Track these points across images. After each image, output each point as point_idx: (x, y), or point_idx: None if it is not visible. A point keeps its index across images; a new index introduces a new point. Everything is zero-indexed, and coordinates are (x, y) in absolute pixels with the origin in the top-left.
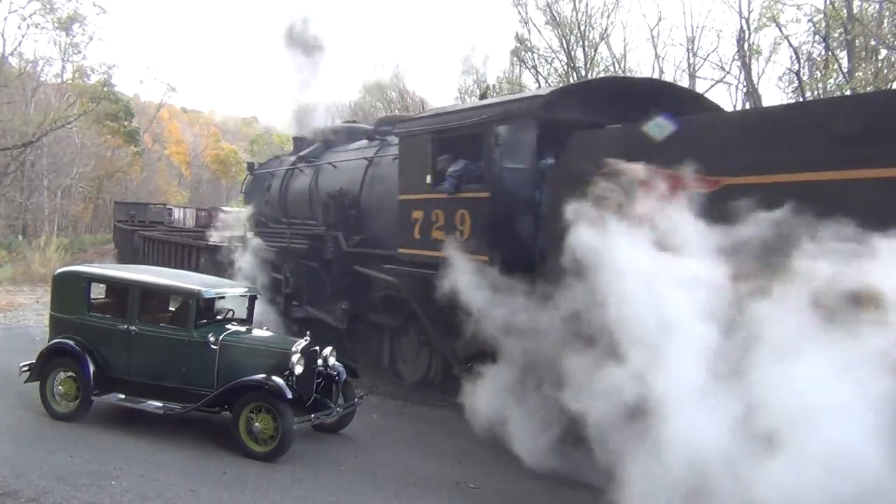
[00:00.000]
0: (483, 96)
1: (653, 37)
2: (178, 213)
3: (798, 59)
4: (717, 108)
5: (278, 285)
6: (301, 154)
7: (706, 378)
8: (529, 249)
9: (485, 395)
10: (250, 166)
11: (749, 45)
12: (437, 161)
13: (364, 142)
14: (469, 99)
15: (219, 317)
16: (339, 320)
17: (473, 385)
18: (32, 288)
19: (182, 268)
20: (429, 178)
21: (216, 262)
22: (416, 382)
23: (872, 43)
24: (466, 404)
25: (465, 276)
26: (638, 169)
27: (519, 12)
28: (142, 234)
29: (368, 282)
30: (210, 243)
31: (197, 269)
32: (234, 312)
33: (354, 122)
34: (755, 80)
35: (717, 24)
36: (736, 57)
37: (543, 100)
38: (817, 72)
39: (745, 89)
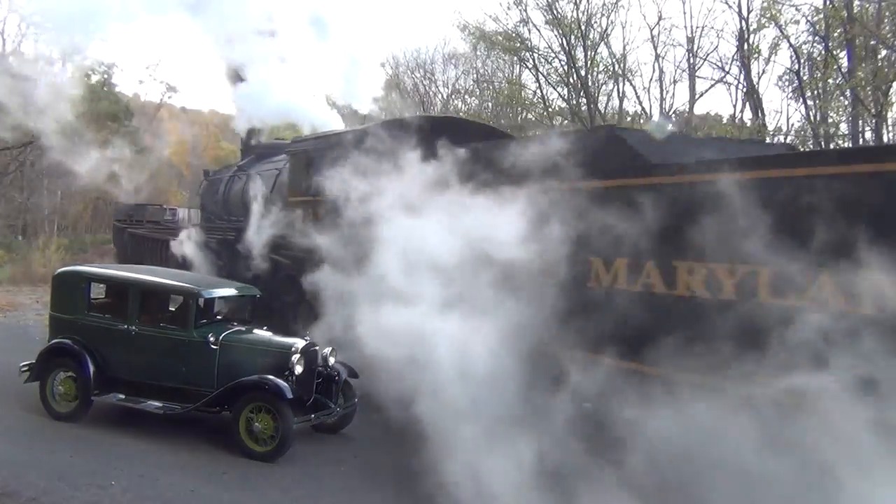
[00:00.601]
0: (362, 123)
1: (653, 37)
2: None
3: (798, 58)
4: (507, 136)
5: (220, 270)
6: (240, 164)
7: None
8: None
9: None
10: (205, 173)
11: (749, 45)
12: (309, 173)
13: (282, 156)
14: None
15: (219, 317)
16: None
17: None
18: (32, 288)
19: (154, 259)
20: (304, 186)
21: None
22: None
23: (872, 43)
24: None
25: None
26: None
27: (520, 12)
28: (129, 231)
29: (276, 264)
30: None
31: (164, 260)
32: (234, 312)
33: (283, 139)
34: (755, 79)
35: (718, 23)
36: (735, 57)
37: (358, 134)
38: (817, 71)
39: (744, 89)
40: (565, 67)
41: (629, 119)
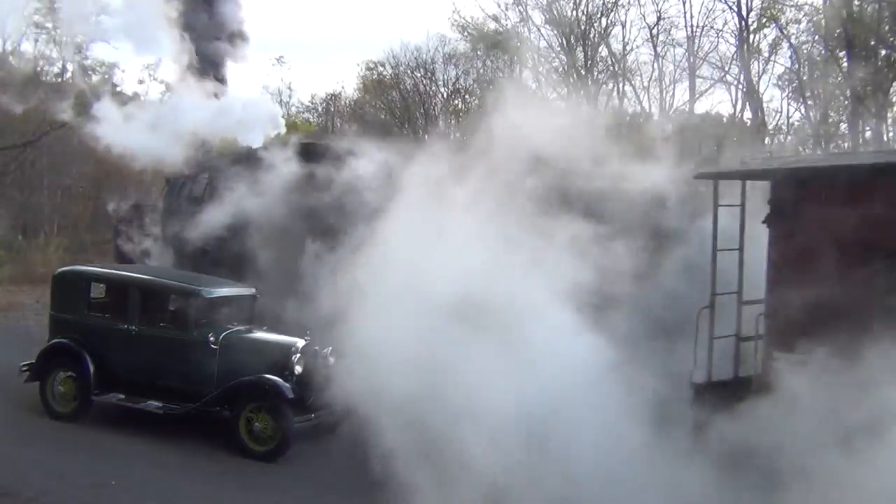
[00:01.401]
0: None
1: (652, 37)
2: None
3: (798, 58)
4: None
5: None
6: (187, 174)
7: None
8: None
9: None
10: (167, 180)
11: (748, 45)
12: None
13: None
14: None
15: (219, 317)
16: None
17: None
18: (32, 288)
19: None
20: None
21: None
22: None
23: (872, 43)
24: None
25: None
26: None
27: (519, 12)
28: (121, 228)
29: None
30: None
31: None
32: (234, 312)
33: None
34: (755, 79)
35: (717, 23)
36: (735, 57)
37: (251, 151)
38: (817, 71)
39: (744, 89)
40: (565, 67)
41: (629, 119)
